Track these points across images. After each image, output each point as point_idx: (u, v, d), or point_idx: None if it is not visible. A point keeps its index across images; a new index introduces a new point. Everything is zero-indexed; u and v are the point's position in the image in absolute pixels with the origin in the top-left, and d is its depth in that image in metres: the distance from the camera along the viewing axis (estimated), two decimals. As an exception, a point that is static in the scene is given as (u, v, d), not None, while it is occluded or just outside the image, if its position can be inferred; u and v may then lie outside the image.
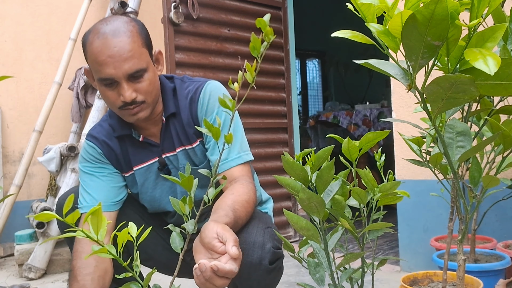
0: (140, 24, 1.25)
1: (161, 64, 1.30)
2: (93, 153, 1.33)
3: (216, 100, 1.27)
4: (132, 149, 1.33)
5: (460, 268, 0.86)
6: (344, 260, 0.88)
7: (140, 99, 1.19)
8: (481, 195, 0.88)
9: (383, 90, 6.13)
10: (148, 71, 1.20)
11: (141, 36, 1.21)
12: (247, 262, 1.05)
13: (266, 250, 1.09)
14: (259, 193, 1.48)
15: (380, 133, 0.90)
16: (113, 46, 1.15)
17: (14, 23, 3.14)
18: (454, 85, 0.61)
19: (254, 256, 1.06)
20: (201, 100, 1.29)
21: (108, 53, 1.14)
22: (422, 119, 1.42)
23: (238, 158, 1.27)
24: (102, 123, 1.37)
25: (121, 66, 1.14)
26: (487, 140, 0.72)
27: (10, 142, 3.10)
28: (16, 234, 2.40)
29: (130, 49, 1.15)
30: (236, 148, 1.28)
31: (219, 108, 1.27)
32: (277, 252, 1.13)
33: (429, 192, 1.80)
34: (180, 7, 2.71)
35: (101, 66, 1.15)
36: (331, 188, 0.87)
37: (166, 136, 1.31)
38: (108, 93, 1.19)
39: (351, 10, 0.73)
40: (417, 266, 2.12)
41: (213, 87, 1.31)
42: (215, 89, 1.30)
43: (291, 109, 3.24)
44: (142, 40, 1.20)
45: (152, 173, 1.33)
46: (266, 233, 1.14)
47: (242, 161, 1.27)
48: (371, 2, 0.69)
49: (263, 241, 1.10)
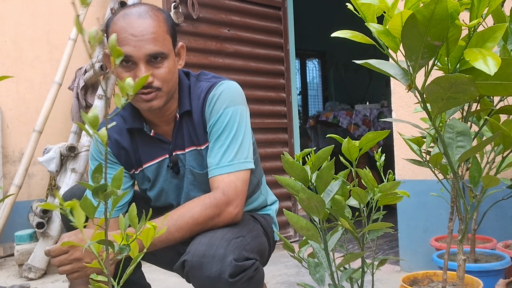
0: (167, 14, 1.24)
1: (182, 59, 1.28)
2: (103, 150, 1.30)
3: (224, 101, 1.24)
4: (142, 145, 1.31)
5: (460, 268, 0.86)
6: (344, 260, 0.88)
7: (156, 85, 1.17)
8: (481, 195, 0.88)
9: (383, 90, 6.13)
10: (168, 59, 1.18)
11: (167, 23, 1.20)
12: (206, 276, 1.05)
13: (226, 263, 1.06)
14: (264, 198, 1.45)
15: (380, 133, 0.90)
16: (137, 26, 1.14)
17: (14, 23, 3.14)
18: (454, 85, 0.61)
19: (213, 270, 1.04)
20: (209, 99, 1.25)
21: (131, 32, 1.13)
22: (422, 119, 1.42)
23: (228, 166, 1.21)
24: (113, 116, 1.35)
25: (142, 46, 1.13)
26: (487, 140, 0.72)
27: (10, 142, 3.10)
28: (16, 234, 2.40)
29: (154, 31, 1.15)
30: (230, 155, 1.22)
31: (226, 109, 1.24)
32: (242, 264, 1.08)
33: (429, 192, 1.80)
34: (180, 7, 2.71)
35: (121, 44, 1.12)
36: (331, 188, 0.87)
37: (179, 134, 1.29)
38: (123, 74, 1.16)
39: (351, 10, 0.73)
40: (417, 266, 2.12)
41: (225, 87, 1.26)
42: (226, 89, 1.26)
43: (291, 109, 3.24)
44: (167, 27, 1.19)
45: (163, 169, 1.32)
46: (230, 245, 1.10)
47: (232, 169, 1.20)
48: (371, 2, 0.69)
49: (224, 254, 1.07)
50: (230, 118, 1.23)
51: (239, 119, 1.24)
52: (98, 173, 0.55)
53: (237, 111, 1.24)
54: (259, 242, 1.24)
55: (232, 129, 1.23)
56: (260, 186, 1.44)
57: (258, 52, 3.10)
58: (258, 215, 1.40)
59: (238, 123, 1.24)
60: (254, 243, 1.19)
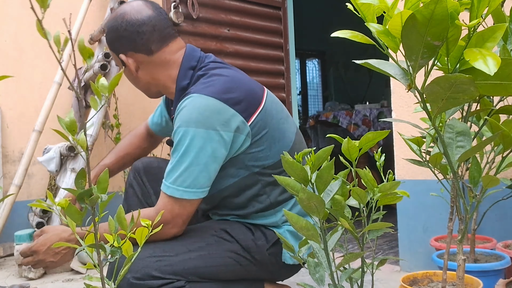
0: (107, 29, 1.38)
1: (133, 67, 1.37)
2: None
3: (180, 119, 1.19)
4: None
5: (460, 268, 0.86)
6: (344, 260, 0.88)
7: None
8: (481, 195, 0.88)
9: (383, 90, 6.12)
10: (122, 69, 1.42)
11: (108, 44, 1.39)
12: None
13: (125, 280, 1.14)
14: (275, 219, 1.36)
15: (379, 133, 0.90)
16: None
17: (15, 23, 3.14)
18: (454, 85, 0.61)
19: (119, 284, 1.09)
20: (176, 111, 1.23)
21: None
22: (422, 119, 1.42)
23: (168, 187, 1.19)
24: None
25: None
26: (487, 140, 0.72)
27: (10, 142, 3.10)
28: (16, 234, 2.40)
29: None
30: (172, 176, 1.19)
31: (178, 128, 1.18)
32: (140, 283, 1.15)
33: (429, 192, 1.80)
34: (180, 7, 2.71)
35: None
36: (331, 188, 0.87)
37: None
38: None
39: (351, 10, 0.73)
40: (417, 266, 2.12)
41: (188, 103, 1.19)
42: (188, 106, 1.19)
43: (291, 109, 3.24)
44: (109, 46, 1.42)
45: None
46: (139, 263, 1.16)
47: (169, 193, 1.19)
48: (371, 2, 0.69)
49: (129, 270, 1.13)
50: (180, 139, 1.18)
51: (188, 142, 1.17)
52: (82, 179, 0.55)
53: (187, 134, 1.17)
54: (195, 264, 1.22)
55: (179, 151, 1.18)
56: (275, 208, 1.35)
57: (258, 52, 3.10)
58: (242, 230, 1.34)
59: (186, 147, 1.17)
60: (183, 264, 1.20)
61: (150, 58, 1.33)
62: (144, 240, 0.64)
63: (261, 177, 1.30)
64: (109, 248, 0.62)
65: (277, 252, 1.35)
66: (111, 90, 0.54)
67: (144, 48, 1.31)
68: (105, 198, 0.56)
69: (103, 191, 0.56)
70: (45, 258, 1.26)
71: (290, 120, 1.41)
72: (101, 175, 0.58)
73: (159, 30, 1.31)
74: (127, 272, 1.11)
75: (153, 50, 1.32)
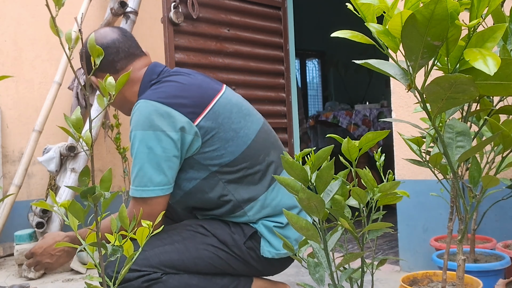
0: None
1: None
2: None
3: (131, 122, 1.30)
4: None
5: (460, 268, 0.86)
6: (344, 260, 0.88)
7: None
8: (480, 195, 0.88)
9: (383, 90, 6.13)
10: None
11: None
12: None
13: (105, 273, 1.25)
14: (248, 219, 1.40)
15: (379, 133, 0.90)
16: None
17: (14, 23, 3.14)
18: (453, 85, 0.61)
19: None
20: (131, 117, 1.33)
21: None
22: (421, 119, 1.42)
23: (131, 191, 1.30)
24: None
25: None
26: (487, 140, 0.72)
27: (9, 142, 3.10)
28: (16, 234, 2.40)
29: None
30: (132, 180, 1.30)
31: (131, 132, 1.30)
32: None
33: (429, 192, 1.80)
34: (180, 7, 2.71)
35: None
36: (331, 188, 0.87)
37: None
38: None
39: (351, 10, 0.73)
40: (416, 266, 2.12)
41: (135, 110, 1.30)
42: (135, 111, 1.30)
43: (290, 109, 3.24)
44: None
45: None
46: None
47: (132, 194, 1.29)
48: (371, 2, 0.69)
49: (107, 266, 1.23)
50: (132, 143, 1.29)
51: (137, 144, 1.28)
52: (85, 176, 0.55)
53: (136, 137, 1.28)
54: (171, 256, 1.31)
55: (133, 154, 1.30)
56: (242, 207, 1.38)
57: (258, 52, 3.10)
58: (220, 225, 1.40)
59: (137, 149, 1.27)
60: (158, 257, 1.30)
61: (116, 76, 1.40)
62: (145, 241, 0.64)
63: (221, 176, 1.36)
64: (110, 247, 0.62)
65: (255, 246, 1.40)
66: (118, 89, 0.55)
67: (110, 67, 1.42)
68: (108, 196, 0.56)
69: (106, 190, 0.56)
70: (42, 259, 1.43)
71: (252, 118, 1.47)
72: (104, 173, 0.58)
73: (123, 50, 1.44)
74: (107, 267, 1.20)
75: (118, 69, 1.43)
